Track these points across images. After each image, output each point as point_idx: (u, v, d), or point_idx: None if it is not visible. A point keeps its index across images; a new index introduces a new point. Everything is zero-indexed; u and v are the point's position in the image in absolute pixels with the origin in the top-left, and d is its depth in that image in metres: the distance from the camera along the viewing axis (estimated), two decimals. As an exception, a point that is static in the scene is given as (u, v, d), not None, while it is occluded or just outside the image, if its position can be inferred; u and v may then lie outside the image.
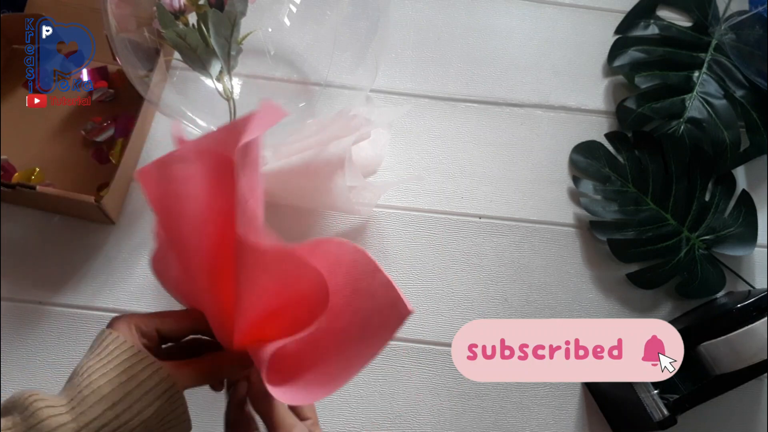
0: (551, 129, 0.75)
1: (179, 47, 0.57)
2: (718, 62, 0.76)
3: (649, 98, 0.74)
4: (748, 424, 0.64)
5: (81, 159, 0.68)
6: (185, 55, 0.58)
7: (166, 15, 0.57)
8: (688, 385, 0.57)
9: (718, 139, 0.72)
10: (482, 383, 0.63)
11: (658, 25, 0.79)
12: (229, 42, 0.57)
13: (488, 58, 0.78)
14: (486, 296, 0.66)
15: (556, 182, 0.72)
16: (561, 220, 0.70)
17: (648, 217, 0.69)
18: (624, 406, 0.59)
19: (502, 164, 0.73)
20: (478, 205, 0.70)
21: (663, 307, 0.68)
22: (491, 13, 0.81)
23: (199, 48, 0.57)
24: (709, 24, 0.78)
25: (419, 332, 0.64)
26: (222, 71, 0.60)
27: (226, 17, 0.56)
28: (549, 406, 0.63)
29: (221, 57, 0.58)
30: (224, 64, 0.58)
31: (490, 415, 0.62)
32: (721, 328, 0.56)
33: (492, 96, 0.76)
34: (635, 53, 0.77)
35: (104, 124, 0.69)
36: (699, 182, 0.70)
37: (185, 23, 0.58)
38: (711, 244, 0.68)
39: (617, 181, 0.71)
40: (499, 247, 0.69)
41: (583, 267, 0.69)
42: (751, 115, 0.74)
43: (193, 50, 0.57)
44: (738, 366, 0.55)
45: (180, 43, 0.57)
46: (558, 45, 0.79)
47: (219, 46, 0.57)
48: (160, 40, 0.60)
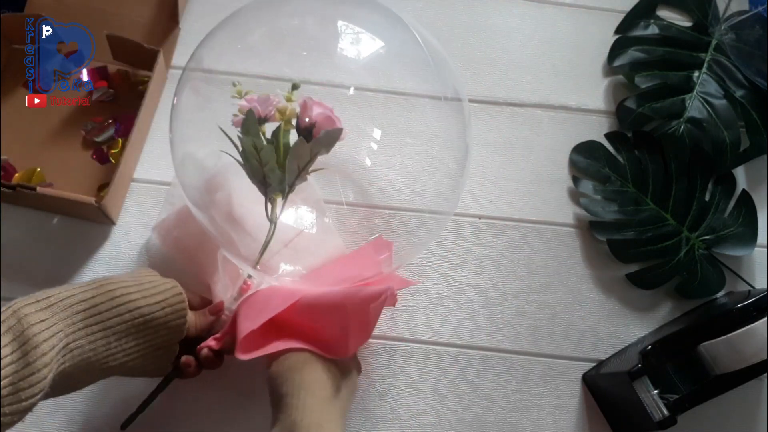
0: (551, 129, 0.75)
1: (248, 156, 0.53)
2: (718, 62, 0.76)
3: (649, 98, 0.74)
4: (748, 424, 0.64)
5: (81, 159, 0.68)
6: (250, 164, 0.54)
7: (253, 123, 0.53)
8: (688, 385, 0.57)
9: (718, 139, 0.72)
10: (482, 383, 0.63)
11: (658, 25, 0.79)
12: (301, 171, 0.54)
13: (488, 58, 0.78)
14: (486, 296, 0.66)
15: (556, 182, 0.72)
16: (561, 220, 0.70)
17: (648, 217, 0.69)
18: (624, 406, 0.59)
19: (502, 164, 0.73)
20: (478, 205, 0.70)
21: (663, 307, 0.68)
22: (491, 13, 0.81)
23: (268, 165, 0.53)
24: (709, 24, 0.78)
25: (419, 332, 0.65)
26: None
27: (309, 150, 0.53)
28: (549, 406, 0.63)
29: (287, 181, 0.54)
30: (285, 190, 0.54)
31: (490, 415, 0.62)
32: (721, 328, 0.56)
33: (492, 96, 0.76)
34: (635, 53, 0.77)
35: (104, 124, 0.69)
36: (699, 182, 0.70)
37: (263, 131, 0.54)
38: (711, 244, 0.68)
39: (617, 181, 0.71)
40: (499, 247, 0.69)
41: (583, 267, 0.69)
42: (751, 115, 0.74)
43: (261, 165, 0.53)
44: (738, 366, 0.55)
45: (251, 153, 0.53)
46: (558, 45, 0.79)
47: (289, 172, 0.54)
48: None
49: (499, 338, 0.65)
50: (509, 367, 0.64)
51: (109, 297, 0.47)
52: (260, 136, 0.54)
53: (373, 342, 0.64)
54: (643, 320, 0.67)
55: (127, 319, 0.48)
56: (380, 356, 0.63)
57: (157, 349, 0.50)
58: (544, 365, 0.65)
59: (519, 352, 0.65)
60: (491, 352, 0.65)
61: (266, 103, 0.55)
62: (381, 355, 0.63)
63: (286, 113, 0.55)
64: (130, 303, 0.48)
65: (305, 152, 0.53)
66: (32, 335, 0.41)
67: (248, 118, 0.53)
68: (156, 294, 0.50)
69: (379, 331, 0.64)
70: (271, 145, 0.54)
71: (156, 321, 0.50)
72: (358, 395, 0.62)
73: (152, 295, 0.50)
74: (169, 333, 0.51)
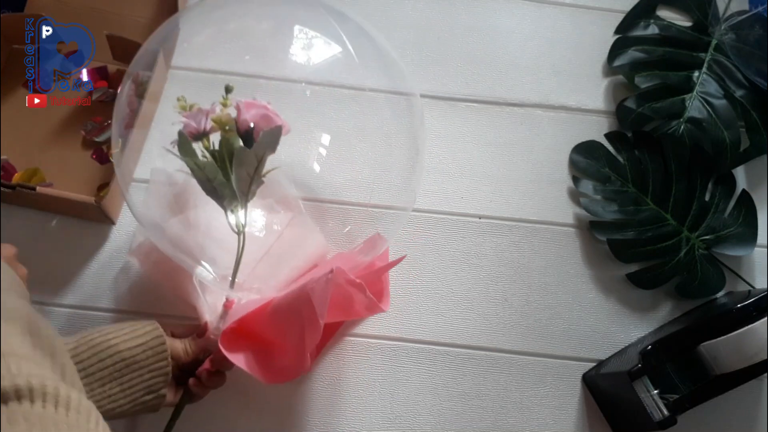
0: (551, 129, 0.75)
1: (196, 175, 0.53)
2: (718, 62, 0.76)
3: (649, 98, 0.74)
4: (748, 424, 0.64)
5: (81, 159, 0.68)
6: (201, 183, 0.53)
7: (187, 144, 0.52)
8: (688, 385, 0.57)
9: (718, 139, 0.72)
10: (482, 383, 0.63)
11: (658, 25, 0.79)
12: (251, 178, 0.53)
13: (488, 58, 0.78)
14: (486, 296, 0.66)
15: (556, 182, 0.72)
16: (561, 220, 0.70)
17: (648, 217, 0.69)
18: (624, 406, 0.59)
19: (502, 164, 0.73)
20: (478, 205, 0.70)
21: (663, 307, 0.68)
22: (491, 13, 0.81)
23: (216, 179, 0.52)
24: (709, 24, 0.78)
25: (419, 332, 0.65)
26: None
27: (254, 155, 0.51)
28: (549, 406, 0.63)
29: (238, 192, 0.53)
30: (240, 199, 0.53)
31: (490, 415, 0.62)
32: (721, 328, 0.56)
33: (492, 96, 0.76)
34: (635, 53, 0.77)
35: (104, 124, 0.69)
36: (699, 182, 0.70)
37: (206, 146, 0.53)
38: (711, 244, 0.68)
39: (617, 181, 0.71)
40: (499, 247, 0.69)
41: (583, 267, 0.69)
42: (751, 115, 0.74)
43: (209, 181, 0.53)
44: (738, 366, 0.55)
45: (197, 171, 0.53)
46: (558, 45, 0.79)
47: (239, 181, 0.52)
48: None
49: (499, 338, 0.65)
50: (509, 367, 0.64)
51: (90, 345, 0.48)
52: (196, 154, 0.52)
53: (373, 342, 0.64)
54: (643, 320, 0.67)
55: (109, 364, 0.48)
56: (380, 356, 0.63)
57: (145, 394, 0.50)
58: (544, 365, 0.65)
59: (519, 352, 0.65)
60: (491, 352, 0.65)
61: (198, 116, 0.53)
62: (381, 355, 0.63)
63: (222, 121, 0.53)
64: (110, 348, 0.48)
65: (250, 158, 0.52)
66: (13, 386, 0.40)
67: (180, 141, 0.52)
68: (136, 337, 0.50)
69: (379, 331, 0.64)
70: (212, 162, 0.52)
71: (138, 364, 0.49)
72: (358, 395, 0.62)
73: (132, 338, 0.50)
74: (153, 376, 0.50)
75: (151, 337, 0.51)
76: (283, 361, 0.54)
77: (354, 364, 0.63)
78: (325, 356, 0.63)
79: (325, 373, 0.62)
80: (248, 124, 0.52)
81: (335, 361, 0.63)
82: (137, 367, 0.49)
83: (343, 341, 0.64)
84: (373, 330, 0.64)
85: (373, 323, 0.64)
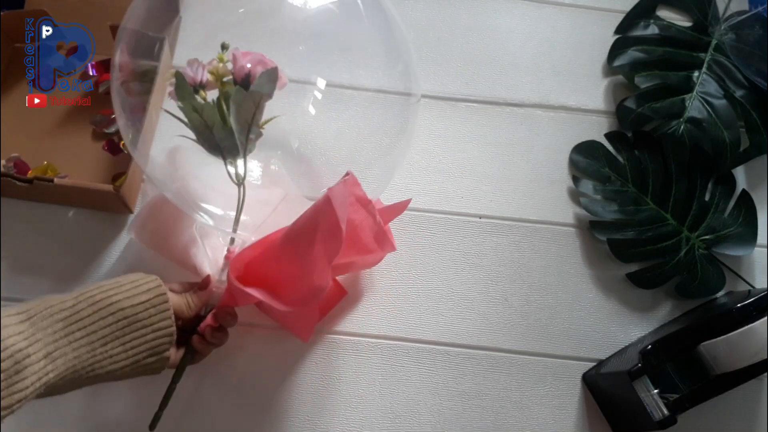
0: (551, 129, 0.75)
1: (193, 122, 0.52)
2: (718, 62, 0.76)
3: (649, 98, 0.74)
4: (748, 424, 0.64)
5: (93, 151, 0.68)
6: (198, 132, 0.52)
7: (185, 86, 0.51)
8: (688, 385, 0.57)
9: (718, 139, 0.72)
10: (482, 383, 0.63)
11: (658, 25, 0.79)
12: (250, 124, 0.52)
13: (488, 58, 0.78)
14: (486, 296, 0.66)
15: (556, 182, 0.72)
16: (561, 220, 0.70)
17: (648, 217, 0.69)
18: (624, 406, 0.59)
19: (502, 164, 0.73)
20: (478, 205, 0.70)
21: (663, 307, 0.68)
22: (491, 13, 0.81)
23: (215, 126, 0.51)
24: (709, 24, 0.78)
25: (419, 332, 0.64)
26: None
27: (250, 97, 0.51)
28: (549, 406, 0.63)
29: (238, 138, 0.52)
30: (240, 147, 0.53)
31: (490, 415, 0.62)
32: (721, 328, 0.56)
33: (492, 96, 0.76)
34: (635, 53, 0.77)
35: (113, 116, 0.69)
36: (699, 182, 0.70)
37: (203, 97, 0.53)
38: (711, 244, 0.68)
39: (617, 181, 0.71)
40: (499, 247, 0.69)
41: (583, 267, 0.69)
42: (751, 115, 0.74)
43: (208, 128, 0.51)
44: (738, 366, 0.55)
45: (195, 119, 0.51)
46: (558, 45, 0.79)
47: (238, 127, 0.52)
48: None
49: (499, 338, 0.65)
50: (509, 366, 0.64)
51: (90, 302, 0.46)
52: (195, 97, 0.51)
53: (373, 342, 0.64)
54: (643, 320, 0.67)
55: (111, 322, 0.46)
56: (380, 356, 0.63)
57: (148, 356, 0.48)
58: (544, 365, 0.65)
59: (519, 351, 0.65)
60: (491, 351, 0.65)
61: (195, 66, 0.52)
62: (381, 355, 0.63)
63: (219, 73, 0.52)
64: (111, 305, 0.46)
65: (247, 101, 0.51)
66: (8, 346, 0.40)
67: (178, 82, 0.50)
68: (138, 294, 0.48)
69: (379, 331, 0.64)
70: (210, 104, 0.52)
71: (140, 323, 0.47)
72: (358, 395, 0.62)
73: (134, 295, 0.48)
74: (156, 336, 0.48)
75: (153, 295, 0.49)
76: (298, 290, 0.53)
77: (354, 364, 0.63)
78: (325, 356, 0.63)
79: (325, 373, 0.62)
80: (245, 70, 0.52)
81: (335, 361, 0.63)
82: (140, 326, 0.47)
83: (343, 341, 0.64)
84: (373, 330, 0.64)
85: (373, 323, 0.64)
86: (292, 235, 0.53)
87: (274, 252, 0.54)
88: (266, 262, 0.55)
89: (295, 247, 0.52)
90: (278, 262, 0.54)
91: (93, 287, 0.47)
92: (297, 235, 0.52)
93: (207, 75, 0.53)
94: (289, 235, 0.53)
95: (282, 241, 0.54)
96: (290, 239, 0.53)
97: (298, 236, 0.52)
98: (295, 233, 0.53)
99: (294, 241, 0.53)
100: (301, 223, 0.52)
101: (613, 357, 0.64)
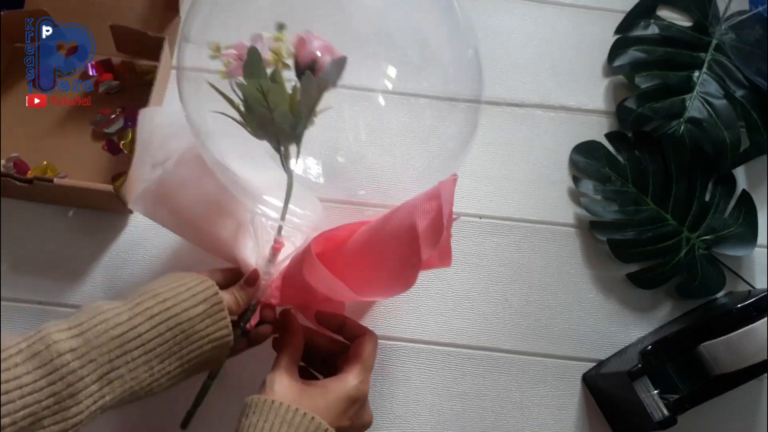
0: (551, 129, 0.75)
1: (253, 104, 0.47)
2: (718, 62, 0.76)
3: (649, 98, 0.74)
4: (748, 424, 0.64)
5: (92, 152, 0.68)
6: (257, 113, 0.48)
7: (259, 64, 0.46)
8: (688, 385, 0.57)
9: (718, 139, 0.72)
10: (482, 383, 0.63)
11: (658, 25, 0.79)
12: (310, 112, 0.49)
13: (488, 58, 0.78)
14: (486, 296, 0.66)
15: (556, 182, 0.72)
16: (561, 220, 0.70)
17: (648, 217, 0.69)
18: (624, 406, 0.59)
19: (502, 164, 0.73)
20: (478, 205, 0.70)
21: (663, 307, 0.68)
22: (491, 13, 0.81)
23: (277, 110, 0.47)
24: (710, 24, 0.78)
25: (419, 332, 0.64)
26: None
27: (316, 84, 0.48)
28: (549, 406, 0.63)
29: (302, 123, 0.49)
30: (300, 131, 0.50)
31: (490, 415, 0.62)
32: (721, 328, 0.56)
33: (492, 96, 0.76)
34: (635, 53, 0.77)
35: (113, 116, 0.69)
36: (699, 182, 0.70)
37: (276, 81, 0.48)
38: (711, 244, 0.68)
39: (617, 181, 0.71)
40: (499, 247, 0.69)
41: (583, 267, 0.69)
42: (751, 115, 0.74)
43: (269, 111, 0.47)
44: (738, 366, 0.55)
45: (258, 99, 0.46)
46: (558, 45, 0.79)
47: (303, 111, 0.48)
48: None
49: (499, 338, 0.65)
50: (509, 367, 0.64)
51: (147, 316, 0.43)
52: (266, 76, 0.46)
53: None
54: (643, 320, 0.67)
55: (169, 338, 0.44)
56: (380, 356, 0.63)
57: (203, 364, 0.47)
58: (544, 365, 0.65)
59: (519, 352, 0.65)
60: (491, 352, 0.65)
61: (259, 41, 0.47)
62: (381, 355, 0.63)
63: (281, 53, 0.48)
64: (169, 320, 0.44)
65: (314, 88, 0.48)
66: (61, 365, 0.38)
67: (252, 57, 0.45)
68: (196, 305, 0.46)
69: (379, 331, 0.64)
70: (278, 86, 0.47)
71: (197, 335, 0.45)
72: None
73: (192, 306, 0.45)
74: (214, 347, 0.46)
75: (210, 305, 0.46)
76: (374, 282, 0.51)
77: (354, 364, 0.63)
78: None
79: (325, 373, 0.62)
80: (314, 55, 0.48)
81: (335, 361, 0.63)
82: (197, 338, 0.45)
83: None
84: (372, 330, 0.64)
85: (372, 323, 0.64)
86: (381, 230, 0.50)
87: (358, 239, 0.52)
88: (344, 247, 0.52)
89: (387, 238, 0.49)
90: (360, 252, 0.51)
91: (148, 295, 0.45)
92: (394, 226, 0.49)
93: (268, 56, 0.48)
94: (378, 229, 0.50)
95: (372, 229, 0.51)
96: (378, 233, 0.50)
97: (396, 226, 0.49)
98: (391, 224, 0.49)
99: (389, 230, 0.49)
100: (399, 215, 0.49)
101: (613, 357, 0.64)
